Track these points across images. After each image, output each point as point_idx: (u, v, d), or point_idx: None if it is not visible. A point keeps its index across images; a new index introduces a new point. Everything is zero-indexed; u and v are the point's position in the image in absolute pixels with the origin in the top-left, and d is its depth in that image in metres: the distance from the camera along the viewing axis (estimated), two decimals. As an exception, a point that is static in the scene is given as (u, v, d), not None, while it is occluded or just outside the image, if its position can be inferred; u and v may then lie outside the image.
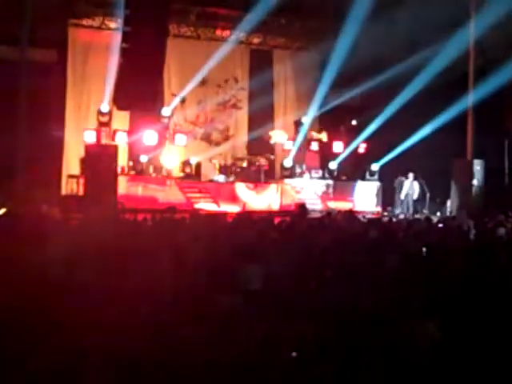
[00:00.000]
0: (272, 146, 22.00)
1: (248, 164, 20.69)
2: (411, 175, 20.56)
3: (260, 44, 22.35)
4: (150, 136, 19.04)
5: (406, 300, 5.92)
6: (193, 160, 19.72)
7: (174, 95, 20.69)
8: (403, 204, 20.74)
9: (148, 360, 4.84)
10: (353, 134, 21.99)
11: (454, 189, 20.25)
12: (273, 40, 22.38)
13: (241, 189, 19.64)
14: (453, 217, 16.96)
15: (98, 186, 16.22)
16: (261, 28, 20.57)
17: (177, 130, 20.51)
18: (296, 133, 21.79)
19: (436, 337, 5.53)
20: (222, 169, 20.29)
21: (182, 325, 5.39)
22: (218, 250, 8.16)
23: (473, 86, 19.67)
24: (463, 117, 19.88)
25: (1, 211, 14.26)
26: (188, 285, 6.60)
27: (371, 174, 21.50)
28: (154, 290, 6.13)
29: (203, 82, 21.00)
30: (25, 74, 15.10)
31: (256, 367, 4.94)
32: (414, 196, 20.64)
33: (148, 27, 16.75)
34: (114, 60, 17.85)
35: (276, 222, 12.28)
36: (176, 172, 19.66)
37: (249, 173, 20.41)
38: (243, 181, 19.89)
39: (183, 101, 20.86)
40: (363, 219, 14.78)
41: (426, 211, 20.19)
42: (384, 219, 16.15)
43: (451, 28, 18.49)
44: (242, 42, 21.71)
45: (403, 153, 20.76)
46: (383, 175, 21.44)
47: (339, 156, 21.78)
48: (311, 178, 21.13)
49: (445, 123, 19.72)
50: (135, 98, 17.41)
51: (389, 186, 21.24)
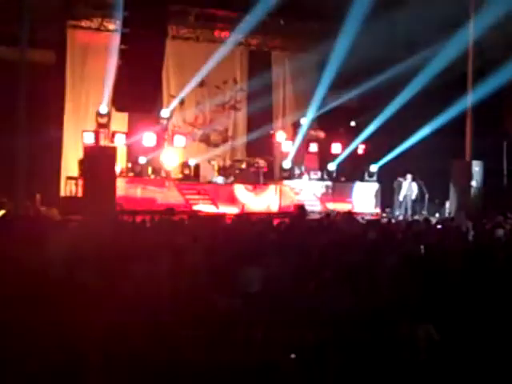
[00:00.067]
0: (272, 147, 21.99)
1: (247, 165, 20.67)
2: (409, 176, 20.54)
3: (259, 45, 22.34)
4: (149, 138, 19.06)
5: (405, 301, 5.91)
6: (191, 161, 19.73)
7: (173, 97, 20.69)
8: (402, 205, 20.72)
9: (147, 360, 4.84)
10: (352, 136, 21.98)
11: (453, 190, 20.24)
12: (271, 41, 22.38)
13: (240, 190, 19.63)
14: (451, 218, 16.95)
15: (97, 188, 16.21)
16: (259, 29, 20.55)
17: (175, 132, 20.50)
18: (295, 134, 21.79)
19: (435, 338, 5.55)
20: (221, 170, 20.28)
21: (182, 326, 5.39)
22: (217, 252, 8.14)
23: (472, 87, 19.66)
24: (462, 118, 19.87)
25: (0, 213, 14.27)
26: (187, 286, 6.59)
27: (370, 176, 21.50)
28: (153, 292, 6.12)
29: (202, 84, 21.01)
30: (24, 75, 15.06)
31: (255, 369, 4.95)
32: (413, 197, 20.63)
33: (147, 29, 16.75)
34: (113, 61, 17.85)
35: (275, 224, 12.28)
36: (175, 173, 19.65)
37: (248, 174, 20.39)
38: (242, 182, 19.87)
39: (182, 102, 20.87)
40: (362, 220, 14.79)
41: (425, 212, 20.18)
42: (383, 220, 16.15)
43: (450, 29, 18.49)
44: (241, 44, 21.70)
45: (402, 154, 20.76)
46: (382, 176, 21.44)
47: (338, 157, 21.77)
48: (310, 180, 21.12)
49: (444, 124, 19.72)
50: (134, 100, 17.41)
51: (388, 188, 21.23)
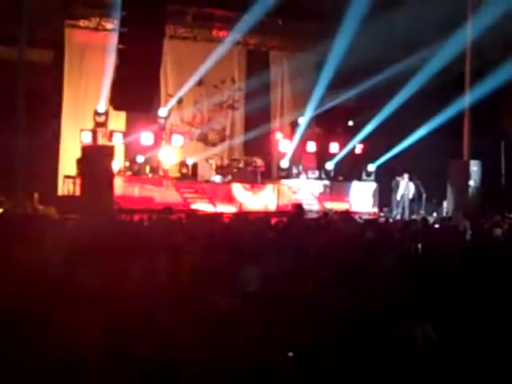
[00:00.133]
0: (270, 146, 21.99)
1: (245, 164, 20.67)
2: (406, 176, 20.56)
3: (257, 45, 22.33)
4: (147, 137, 19.06)
5: (403, 301, 5.93)
6: (189, 160, 19.73)
7: (171, 96, 20.68)
8: (399, 205, 20.72)
9: (147, 360, 4.85)
10: (349, 135, 22.00)
11: (451, 189, 20.26)
12: (270, 41, 22.37)
13: (237, 189, 19.63)
14: (449, 217, 16.96)
15: (95, 187, 16.18)
16: (257, 29, 20.53)
17: (173, 131, 20.50)
18: (293, 133, 21.80)
19: (432, 337, 5.56)
20: (219, 169, 20.28)
21: (180, 325, 5.39)
22: (215, 251, 8.15)
23: (469, 87, 19.67)
24: (460, 118, 19.89)
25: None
26: (185, 285, 6.60)
27: (368, 175, 21.51)
28: (152, 291, 6.13)
29: (200, 83, 21.01)
30: (22, 74, 15.06)
31: (254, 368, 4.95)
32: (410, 196, 20.63)
33: (144, 28, 16.72)
34: (111, 61, 17.82)
35: (273, 223, 12.29)
36: (172, 172, 19.64)
37: (245, 173, 20.39)
38: (240, 181, 19.87)
39: (180, 101, 20.86)
40: (360, 220, 14.79)
41: (423, 212, 20.17)
42: (380, 220, 16.16)
43: (448, 29, 18.49)
44: (239, 43, 21.70)
45: (400, 153, 20.77)
46: (380, 176, 21.45)
47: (336, 156, 21.78)
48: (308, 179, 21.12)
49: (441, 124, 19.73)
50: (132, 99, 17.38)
51: (385, 187, 21.23)
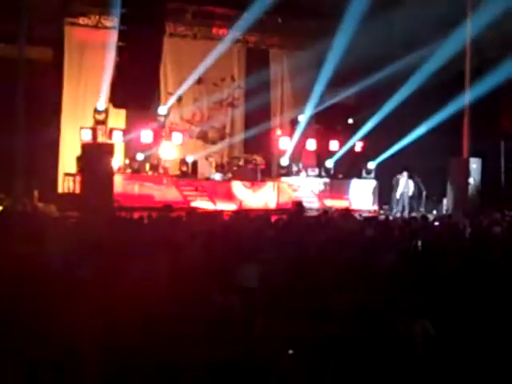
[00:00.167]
0: (270, 144, 22.00)
1: (244, 162, 20.68)
2: (405, 174, 20.57)
3: (256, 43, 22.31)
4: (147, 135, 19.07)
5: (403, 297, 5.94)
6: (189, 158, 19.73)
7: (171, 94, 20.67)
8: (399, 202, 20.73)
9: (146, 355, 4.86)
10: (349, 133, 21.99)
11: (450, 187, 20.27)
12: (269, 39, 22.36)
13: (237, 187, 19.64)
14: (449, 215, 16.97)
15: (95, 185, 16.19)
16: (257, 27, 20.52)
17: (173, 129, 20.48)
18: (292, 131, 21.79)
19: (431, 334, 5.60)
20: (219, 167, 20.28)
21: (180, 322, 5.40)
22: (215, 249, 8.16)
23: (469, 85, 19.66)
24: (459, 116, 19.87)
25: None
26: (185, 283, 6.61)
27: (367, 173, 21.52)
28: (151, 288, 6.14)
29: (199, 81, 21.00)
30: (22, 72, 15.05)
31: (253, 364, 4.96)
32: (409, 194, 20.63)
33: (144, 26, 16.70)
34: (110, 58, 17.78)
35: (273, 220, 12.30)
36: (172, 170, 19.66)
37: (245, 171, 20.39)
38: (240, 179, 19.88)
39: (179, 99, 20.86)
40: (359, 217, 14.80)
41: (423, 209, 20.18)
42: (380, 217, 16.16)
43: (447, 27, 18.49)
44: (239, 41, 21.69)
45: (400, 151, 20.77)
46: (379, 174, 21.45)
47: (336, 154, 21.78)
48: (308, 177, 21.13)
49: (441, 122, 19.72)
50: (131, 97, 17.36)
51: (385, 185, 21.24)
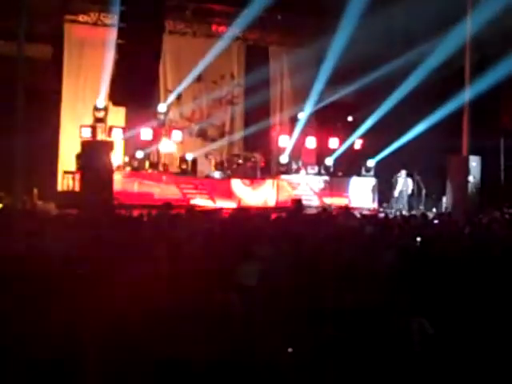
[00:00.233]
0: (270, 141, 22.00)
1: (244, 160, 20.67)
2: (403, 172, 20.57)
3: (256, 40, 22.30)
4: (146, 132, 19.07)
5: (402, 295, 5.93)
6: (189, 156, 19.72)
7: (170, 91, 20.67)
8: (398, 200, 20.74)
9: (146, 352, 4.85)
10: (349, 131, 21.99)
11: (450, 185, 20.25)
12: (269, 36, 22.33)
13: (237, 185, 19.64)
14: (448, 213, 16.96)
15: (94, 182, 16.18)
16: (257, 24, 20.53)
17: (172, 127, 20.47)
18: (292, 129, 21.79)
19: (428, 331, 5.61)
20: (218, 165, 20.28)
21: (180, 320, 5.39)
22: (214, 247, 8.15)
23: (469, 82, 19.62)
24: (459, 114, 19.84)
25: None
26: (185, 281, 6.60)
27: (367, 170, 21.51)
28: (151, 286, 6.13)
29: (199, 79, 20.98)
30: (21, 70, 15.02)
31: (253, 362, 4.95)
32: (408, 192, 20.63)
33: (144, 23, 16.70)
34: (110, 56, 17.79)
35: (272, 218, 12.29)
36: (172, 168, 19.66)
37: (245, 169, 20.39)
38: (239, 177, 19.87)
39: (179, 97, 20.84)
40: (359, 215, 14.79)
41: (422, 207, 20.19)
42: (380, 215, 16.16)
43: (447, 24, 18.47)
44: (238, 38, 21.68)
45: (399, 149, 20.76)
46: (379, 171, 21.44)
47: (335, 152, 21.77)
48: (307, 174, 21.12)
49: (441, 120, 19.70)
50: (131, 94, 17.36)
51: (385, 183, 21.23)
